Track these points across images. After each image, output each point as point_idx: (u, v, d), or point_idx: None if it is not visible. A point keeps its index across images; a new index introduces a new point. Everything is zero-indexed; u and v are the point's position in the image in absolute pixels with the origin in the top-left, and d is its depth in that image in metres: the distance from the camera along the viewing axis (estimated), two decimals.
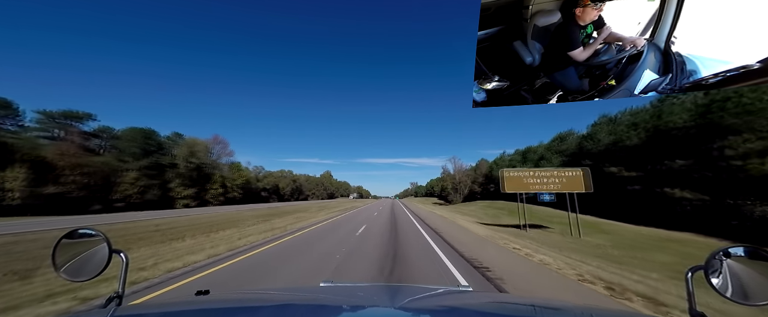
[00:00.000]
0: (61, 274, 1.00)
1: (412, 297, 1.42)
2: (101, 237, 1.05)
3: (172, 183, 53.19)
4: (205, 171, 60.37)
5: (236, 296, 1.52)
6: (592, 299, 4.71)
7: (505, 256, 8.19)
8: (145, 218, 24.51)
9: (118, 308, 0.94)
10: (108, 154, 47.53)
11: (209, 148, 64.68)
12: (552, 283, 5.60)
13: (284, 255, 8.07)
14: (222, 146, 70.55)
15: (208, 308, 1.11)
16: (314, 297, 1.42)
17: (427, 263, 7.08)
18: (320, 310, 1.14)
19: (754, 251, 0.87)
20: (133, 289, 4.97)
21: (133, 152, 48.60)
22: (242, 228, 15.12)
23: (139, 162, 48.21)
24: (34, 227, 17.83)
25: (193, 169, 56.83)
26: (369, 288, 1.93)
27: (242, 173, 75.58)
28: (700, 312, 0.88)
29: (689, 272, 0.94)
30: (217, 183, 62.02)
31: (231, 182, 67.57)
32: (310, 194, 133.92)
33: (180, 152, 56.57)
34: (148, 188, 47.85)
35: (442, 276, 5.87)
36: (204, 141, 64.10)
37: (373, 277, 5.77)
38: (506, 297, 3.09)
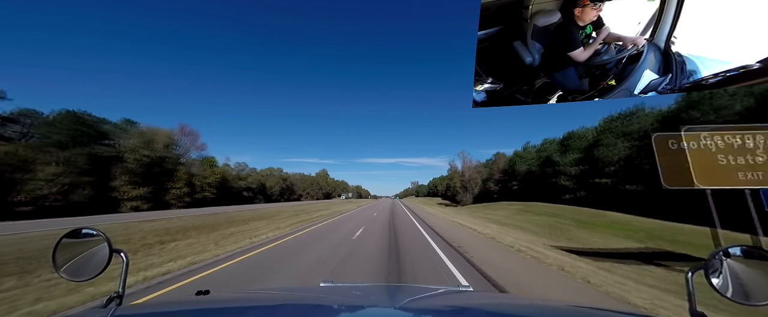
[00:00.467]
0: (61, 274, 1.00)
1: (412, 297, 1.42)
2: (102, 237, 1.05)
3: (118, 181, 42.15)
4: (167, 167, 49.70)
5: (236, 296, 1.52)
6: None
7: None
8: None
9: (118, 308, 0.94)
10: (24, 143, 36.51)
11: (174, 139, 53.11)
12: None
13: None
14: (191, 137, 57.66)
15: (208, 308, 1.11)
16: (314, 296, 1.42)
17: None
18: (320, 310, 1.14)
19: (754, 251, 0.87)
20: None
21: (58, 140, 37.34)
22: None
23: (64, 153, 37.00)
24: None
25: (149, 164, 46.18)
26: (369, 288, 1.93)
27: (216, 170, 63.70)
28: (700, 312, 0.88)
29: (689, 272, 0.94)
30: (181, 181, 50.71)
31: (201, 181, 56.30)
32: (305, 194, 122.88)
33: (130, 143, 44.94)
34: (74, 186, 36.71)
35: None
36: (166, 131, 51.99)
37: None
38: (506, 297, 3.09)
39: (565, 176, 46.01)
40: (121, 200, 41.89)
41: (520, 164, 61.76)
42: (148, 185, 45.12)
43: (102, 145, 42.40)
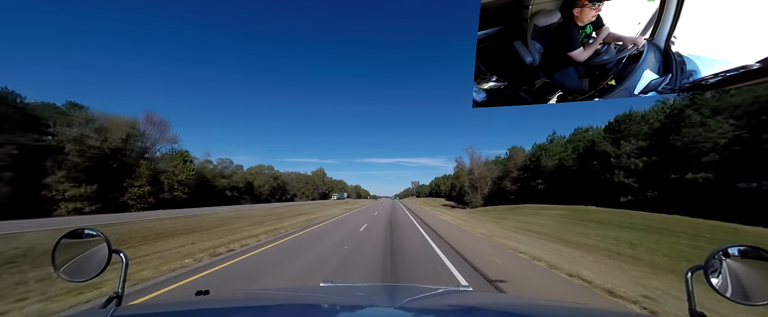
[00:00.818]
0: (60, 274, 1.00)
1: (412, 297, 1.42)
2: (101, 237, 1.06)
3: (52, 177, 33.94)
4: (127, 162, 41.24)
5: (236, 296, 1.52)
6: None
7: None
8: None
9: (118, 308, 0.94)
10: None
11: (137, 130, 43.96)
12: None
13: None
14: (160, 128, 47.80)
15: (207, 308, 1.12)
16: (314, 296, 1.42)
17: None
18: (320, 310, 1.14)
19: (754, 250, 0.87)
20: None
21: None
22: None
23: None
24: None
25: (101, 157, 38.12)
26: (369, 287, 1.93)
27: (190, 167, 54.07)
28: (700, 312, 0.89)
29: (689, 272, 0.94)
30: (142, 178, 41.86)
31: (170, 178, 47.72)
32: (299, 193, 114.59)
33: (73, 132, 35.79)
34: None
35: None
36: (127, 120, 42.68)
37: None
38: (506, 297, 3.09)
39: (624, 172, 34.48)
40: (58, 200, 34.29)
41: (546, 159, 51.78)
42: (97, 183, 36.58)
43: (37, 132, 33.61)
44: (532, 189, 52.63)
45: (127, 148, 42.03)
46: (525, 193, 53.52)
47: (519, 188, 56.99)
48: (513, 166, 60.61)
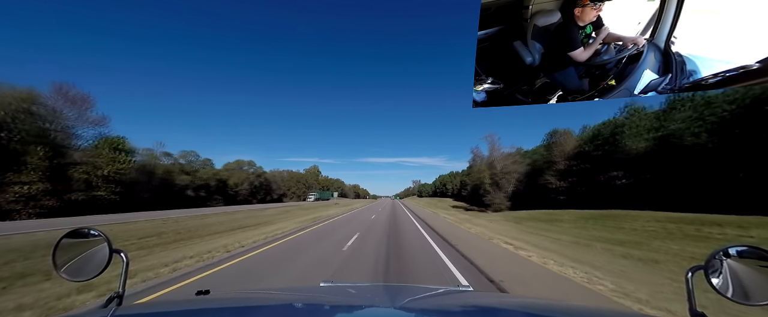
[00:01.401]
0: (61, 274, 1.00)
1: (412, 297, 1.42)
2: (102, 237, 1.06)
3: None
4: (12, 148, 28.37)
5: (237, 296, 1.52)
6: None
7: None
8: None
9: (118, 308, 0.94)
10: None
11: (36, 106, 30.49)
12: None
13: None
14: (77, 106, 34.09)
15: (208, 308, 1.12)
16: (314, 296, 1.43)
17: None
18: (320, 310, 1.14)
19: (754, 250, 0.87)
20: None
21: None
22: None
23: None
24: None
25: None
26: (369, 288, 1.93)
27: (122, 158, 39.34)
28: (700, 312, 0.89)
29: (689, 272, 0.94)
30: (35, 173, 28.76)
31: (90, 173, 34.29)
32: (290, 193, 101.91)
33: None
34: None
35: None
36: (18, 92, 29.06)
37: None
38: (506, 296, 3.10)
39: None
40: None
41: (631, 138, 33.38)
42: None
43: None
44: (598, 185, 35.04)
45: (15, 129, 28.73)
46: (585, 192, 36.08)
47: (570, 185, 40.05)
48: (559, 154, 43.54)
